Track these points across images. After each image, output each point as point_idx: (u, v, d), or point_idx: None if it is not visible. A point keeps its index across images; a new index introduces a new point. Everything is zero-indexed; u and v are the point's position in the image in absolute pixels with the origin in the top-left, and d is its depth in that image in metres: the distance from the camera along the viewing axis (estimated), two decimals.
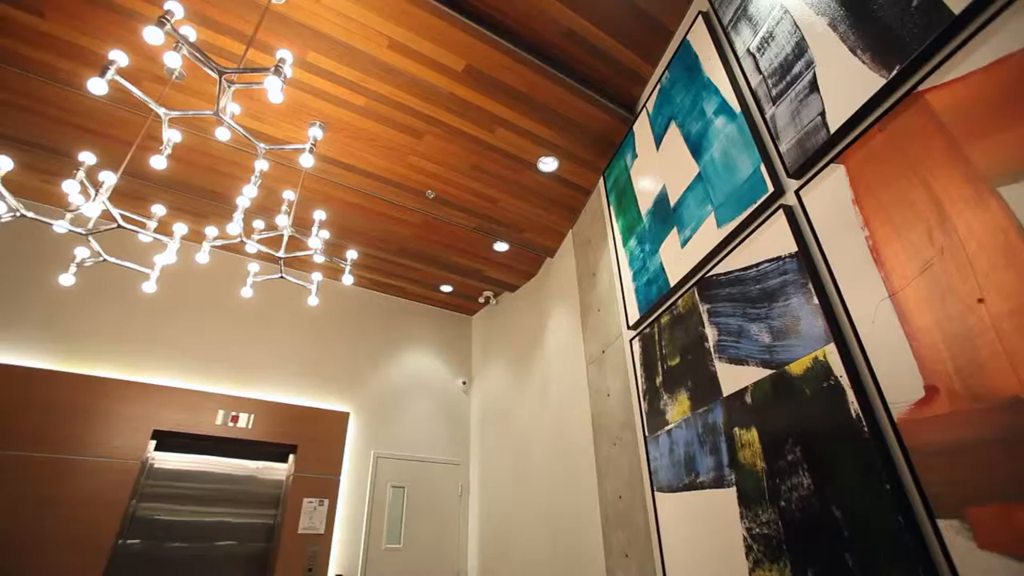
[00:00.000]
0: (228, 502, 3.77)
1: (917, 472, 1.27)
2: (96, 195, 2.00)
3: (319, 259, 2.70)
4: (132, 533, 3.33)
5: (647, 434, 2.58)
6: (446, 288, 5.09)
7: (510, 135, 3.24)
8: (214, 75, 1.85)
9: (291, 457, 4.09)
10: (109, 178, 2.05)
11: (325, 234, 2.72)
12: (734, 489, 1.89)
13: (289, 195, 2.65)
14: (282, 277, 2.70)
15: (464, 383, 5.15)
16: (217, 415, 3.82)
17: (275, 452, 4.09)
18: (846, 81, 1.59)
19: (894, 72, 1.44)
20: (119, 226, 2.22)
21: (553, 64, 2.88)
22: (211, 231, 2.48)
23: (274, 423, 4.00)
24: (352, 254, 2.88)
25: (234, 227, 2.31)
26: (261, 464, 4.03)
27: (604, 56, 2.90)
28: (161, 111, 1.92)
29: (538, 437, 4.03)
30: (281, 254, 2.60)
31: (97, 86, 1.73)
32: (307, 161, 2.23)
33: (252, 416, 3.93)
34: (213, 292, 4.25)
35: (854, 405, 1.45)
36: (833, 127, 1.62)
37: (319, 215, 2.78)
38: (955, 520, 1.18)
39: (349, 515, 4.06)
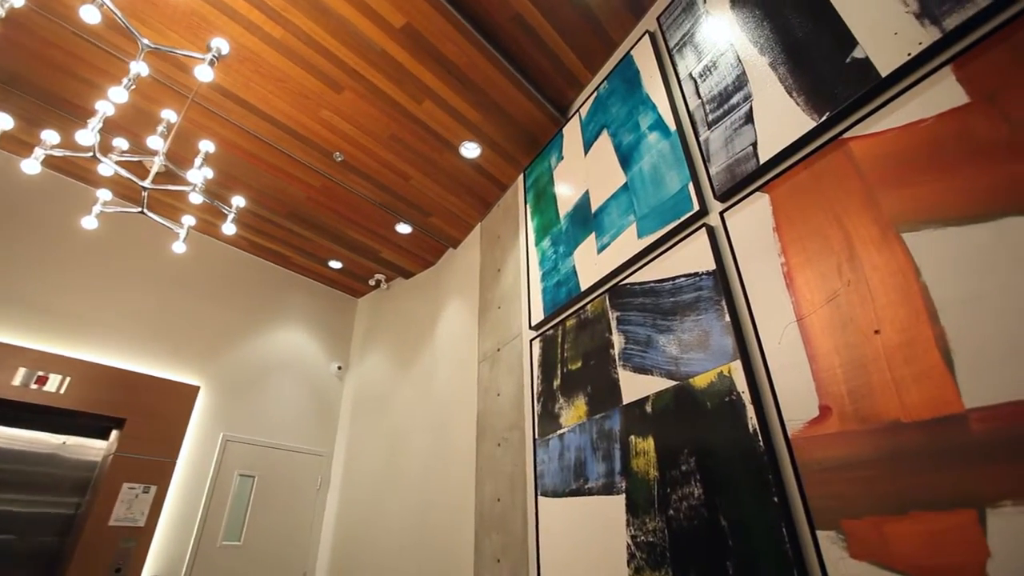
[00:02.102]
0: (15, 486, 3.03)
1: (804, 486, 1.35)
2: None
3: (196, 199, 2.27)
4: None
5: (537, 437, 2.54)
6: (335, 264, 4.68)
7: (437, 111, 3.05)
8: None
9: (114, 433, 3.42)
10: None
11: (208, 172, 2.29)
12: (623, 496, 1.91)
13: (170, 115, 2.18)
14: (142, 213, 2.22)
15: (339, 368, 4.75)
16: (16, 374, 3.05)
17: (93, 426, 3.39)
18: (780, 118, 1.70)
19: (824, 117, 1.56)
20: None
21: (496, 47, 2.77)
22: (50, 136, 1.93)
23: (97, 390, 3.30)
24: (239, 200, 2.47)
25: (86, 136, 1.81)
26: (70, 440, 3.31)
27: (548, 52, 2.86)
28: None
29: (416, 432, 3.83)
30: (147, 184, 2.13)
31: None
32: (204, 75, 1.86)
33: (67, 379, 3.20)
34: (39, 217, 3.42)
35: (752, 420, 1.52)
36: (763, 158, 1.71)
37: (206, 146, 2.34)
38: (832, 531, 1.27)
39: (181, 506, 3.48)
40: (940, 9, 1.36)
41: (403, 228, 4.09)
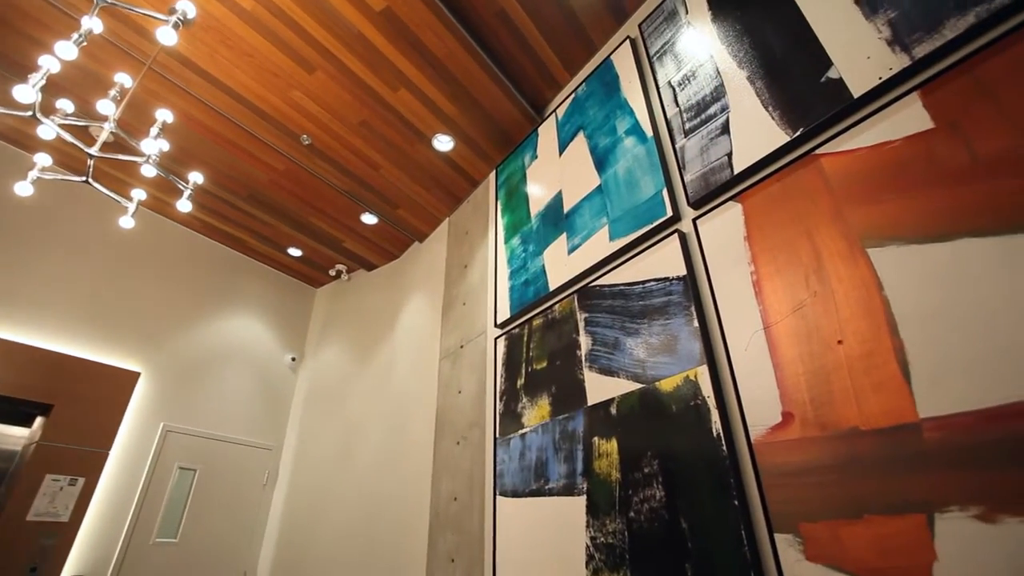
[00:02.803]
0: None
1: (764, 490, 1.38)
2: None
3: (148, 172, 2.11)
4: None
5: (498, 436, 2.52)
6: (295, 252, 4.50)
7: (412, 100, 2.98)
8: None
9: (39, 420, 3.16)
10: None
11: (164, 144, 2.14)
12: (584, 498, 1.91)
13: (125, 79, 2.02)
14: (87, 183, 2.04)
15: (293, 359, 4.57)
16: None
17: (14, 412, 3.12)
18: (755, 131, 1.74)
19: (797, 133, 1.61)
20: None
21: (477, 40, 2.73)
22: None
23: (19, 372, 3.04)
24: (196, 177, 2.32)
25: (25, 93, 1.63)
26: None
27: (529, 50, 2.85)
28: None
29: (372, 427, 3.73)
30: (94, 152, 1.96)
31: None
32: (167, 37, 1.72)
33: None
34: None
35: (717, 425, 1.55)
36: (737, 169, 1.75)
37: (164, 115, 2.18)
38: (790, 534, 1.30)
39: (112, 500, 3.25)
40: (910, 38, 1.42)
41: (369, 219, 3.97)
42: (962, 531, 1.05)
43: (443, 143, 3.29)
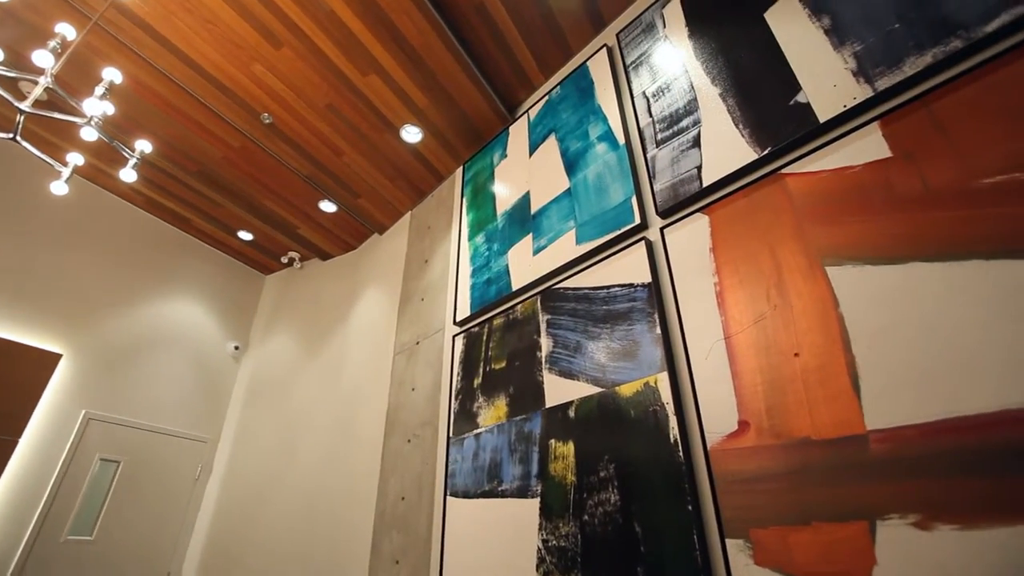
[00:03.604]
0: None
1: (718, 496, 1.41)
2: None
3: (89, 135, 1.93)
4: None
5: (451, 435, 2.47)
6: (245, 235, 4.27)
7: (383, 87, 2.89)
8: None
9: None
10: None
11: (109, 107, 1.96)
12: (538, 500, 1.90)
13: (68, 31, 1.83)
14: (14, 140, 1.84)
15: (236, 348, 4.33)
16: None
17: None
18: (725, 146, 1.79)
19: (765, 151, 1.66)
20: None
21: (455, 33, 2.68)
22: None
23: None
24: (144, 145, 2.15)
25: None
26: None
27: (505, 48, 2.83)
28: None
29: (318, 422, 3.58)
30: (25, 107, 1.77)
31: None
32: None
33: None
34: None
35: (674, 431, 1.57)
36: (707, 182, 1.80)
37: (112, 74, 2.00)
38: (740, 540, 1.33)
39: (19, 493, 2.95)
40: (874, 71, 1.50)
41: (327, 206, 3.83)
42: (900, 538, 1.10)
43: (411, 134, 3.22)
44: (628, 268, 1.97)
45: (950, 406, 1.13)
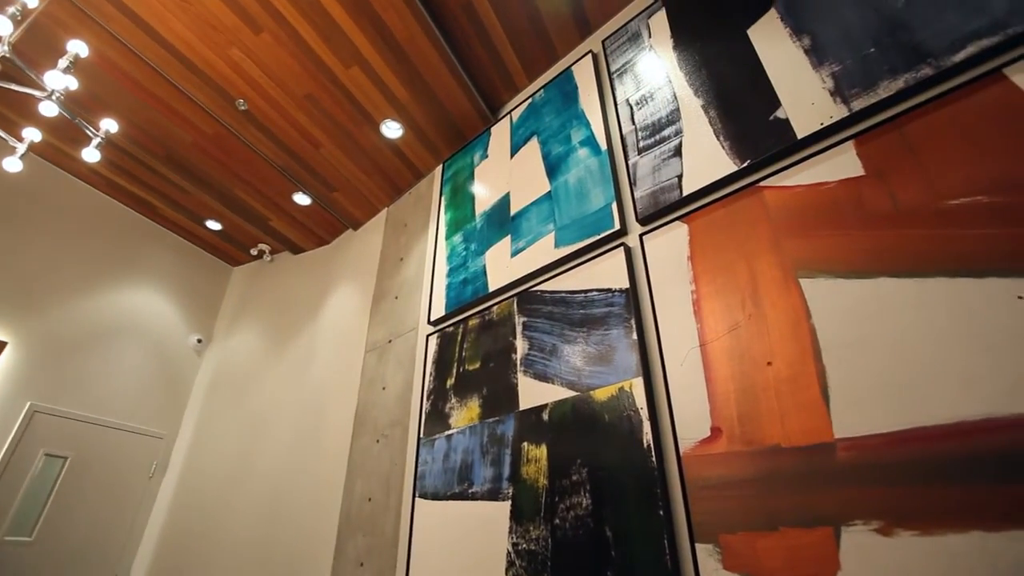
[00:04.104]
0: None
1: (689, 501, 1.43)
2: None
3: (48, 111, 1.82)
4: None
5: (422, 436, 2.43)
6: (214, 225, 4.12)
7: (365, 81, 2.84)
8: None
9: None
10: None
11: (72, 81, 1.86)
12: (509, 503, 1.88)
13: None
14: None
15: (199, 341, 4.17)
16: None
17: None
18: (706, 157, 1.83)
19: (745, 164, 1.70)
20: None
21: (441, 30, 2.66)
22: None
23: None
24: (110, 125, 2.04)
25: None
26: None
27: (491, 49, 2.81)
28: None
29: (283, 419, 3.48)
30: None
31: None
32: None
33: None
34: None
35: (648, 436, 1.58)
36: (687, 191, 1.83)
37: (77, 47, 1.89)
38: (710, 544, 1.35)
39: None
40: (850, 92, 1.56)
41: (301, 199, 3.73)
42: (863, 543, 1.13)
43: (392, 130, 3.17)
44: (606, 273, 1.98)
45: (912, 417, 1.17)
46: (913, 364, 1.20)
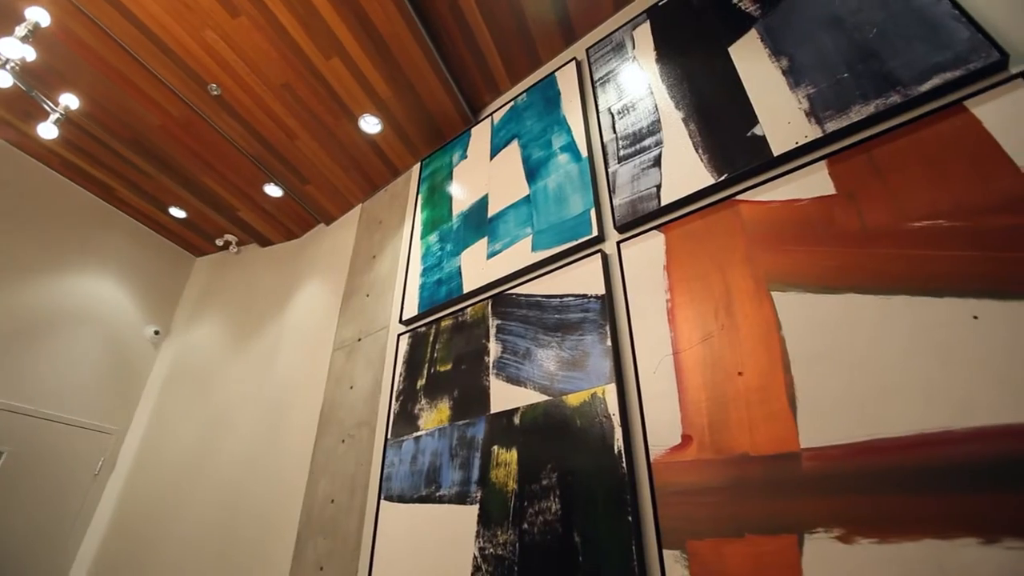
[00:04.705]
0: None
1: (658, 508, 1.44)
2: None
3: (3, 81, 1.71)
4: None
5: (390, 437, 2.38)
6: (178, 212, 3.95)
7: (345, 73, 2.78)
8: None
9: None
10: None
11: (29, 51, 1.75)
12: (477, 507, 1.86)
13: None
14: None
15: (157, 332, 3.98)
16: None
17: None
18: (684, 169, 1.86)
19: (722, 177, 1.74)
20: None
21: (425, 27, 2.63)
22: None
23: None
24: (70, 100, 1.93)
25: None
26: None
27: (476, 50, 2.80)
28: None
29: (244, 417, 3.36)
30: None
31: None
32: None
33: None
34: None
35: (619, 442, 1.59)
36: (665, 201, 1.85)
37: (37, 15, 1.78)
38: (678, 551, 1.36)
39: None
40: (824, 113, 1.61)
41: (273, 190, 3.62)
42: (825, 551, 1.16)
43: (370, 125, 3.12)
44: (583, 279, 1.99)
45: (872, 428, 1.21)
46: (875, 377, 1.25)
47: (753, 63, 1.85)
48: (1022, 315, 1.12)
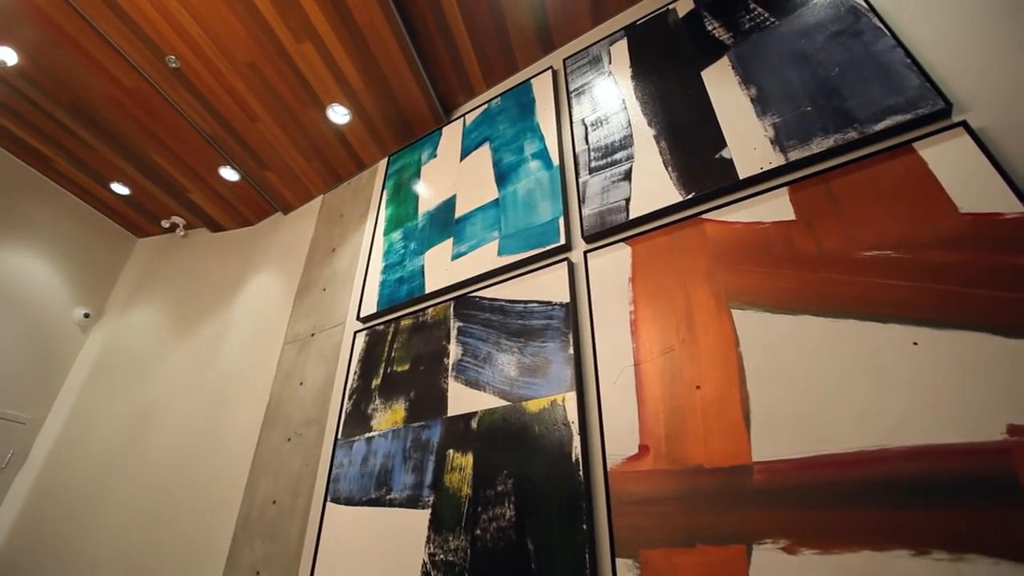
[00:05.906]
0: None
1: (613, 516, 1.45)
2: None
3: None
4: None
5: (340, 437, 2.30)
6: (121, 189, 3.69)
7: (316, 59, 2.69)
8: None
9: None
10: None
11: None
12: (429, 511, 1.82)
13: None
14: None
15: (87, 315, 3.69)
16: None
17: None
18: (653, 185, 1.91)
19: (690, 195, 1.79)
20: None
21: (404, 21, 2.59)
22: None
23: None
24: (8, 55, 1.76)
25: None
26: None
27: (453, 49, 2.78)
28: None
29: (179, 410, 3.16)
30: None
31: None
32: None
33: None
34: None
35: (577, 450, 1.60)
36: (633, 215, 1.89)
37: None
38: (630, 560, 1.38)
39: None
40: (787, 142, 1.69)
41: (229, 174, 3.45)
42: (771, 561, 1.21)
43: (339, 115, 3.03)
44: (548, 286, 2.00)
45: (818, 444, 1.27)
46: (821, 395, 1.31)
47: (724, 88, 1.92)
48: (956, 343, 1.20)
